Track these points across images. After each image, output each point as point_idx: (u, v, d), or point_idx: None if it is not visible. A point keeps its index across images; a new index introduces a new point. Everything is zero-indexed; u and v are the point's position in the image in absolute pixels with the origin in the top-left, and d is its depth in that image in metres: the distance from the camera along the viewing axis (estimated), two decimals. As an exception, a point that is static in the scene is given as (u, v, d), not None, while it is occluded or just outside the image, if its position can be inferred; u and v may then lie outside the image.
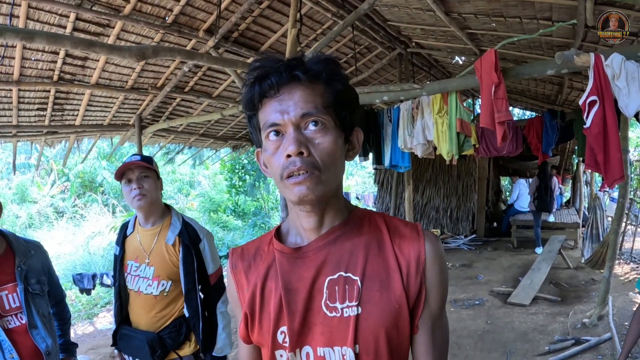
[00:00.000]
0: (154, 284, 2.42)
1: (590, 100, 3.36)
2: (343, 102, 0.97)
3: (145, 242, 2.49)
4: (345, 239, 1.00)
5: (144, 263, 2.45)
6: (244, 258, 1.11)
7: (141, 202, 2.39)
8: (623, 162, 3.45)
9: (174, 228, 2.48)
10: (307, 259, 1.00)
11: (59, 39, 3.14)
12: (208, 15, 5.11)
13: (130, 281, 2.48)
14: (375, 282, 0.96)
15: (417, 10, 5.57)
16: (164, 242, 2.45)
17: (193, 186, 21.27)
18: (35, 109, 5.79)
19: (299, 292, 0.99)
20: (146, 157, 2.49)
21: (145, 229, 2.51)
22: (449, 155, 4.82)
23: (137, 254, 2.49)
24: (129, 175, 2.40)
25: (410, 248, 0.99)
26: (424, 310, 0.99)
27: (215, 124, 8.66)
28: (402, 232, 1.02)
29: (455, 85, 4.71)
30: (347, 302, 0.95)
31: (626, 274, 7.02)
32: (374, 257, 0.98)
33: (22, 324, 2.14)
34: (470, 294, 6.62)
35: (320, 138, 0.92)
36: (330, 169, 0.93)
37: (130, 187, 2.39)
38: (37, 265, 2.30)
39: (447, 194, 11.78)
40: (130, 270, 2.49)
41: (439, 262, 1.00)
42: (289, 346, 0.98)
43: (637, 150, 11.80)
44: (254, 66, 0.96)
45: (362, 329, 0.94)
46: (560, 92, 8.15)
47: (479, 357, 4.56)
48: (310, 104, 0.91)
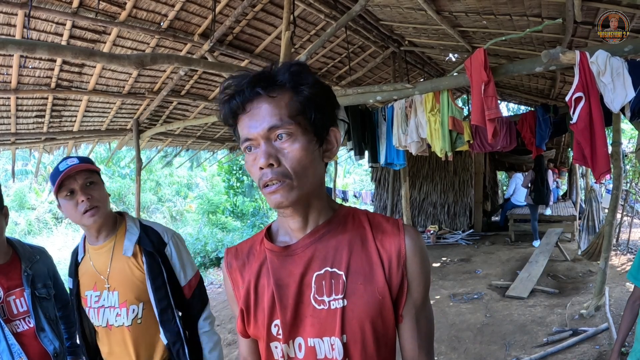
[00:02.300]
0: (123, 312, 1.96)
1: (577, 96, 3.43)
2: (312, 106, 1.00)
3: (99, 263, 2.00)
4: (331, 237, 1.07)
5: (105, 289, 1.98)
6: (238, 257, 1.18)
7: (96, 217, 1.91)
8: (609, 155, 3.52)
9: (130, 235, 2.01)
10: (296, 256, 1.07)
11: (60, 49, 3.19)
12: (202, 19, 5.16)
13: (95, 316, 1.99)
14: (359, 276, 1.03)
15: (408, 10, 5.63)
16: (122, 256, 1.97)
17: (191, 188, 21.30)
18: (33, 116, 5.85)
19: (290, 287, 1.05)
20: (85, 158, 2.02)
21: (96, 247, 2.02)
22: (442, 153, 4.89)
23: (93, 280, 2.00)
24: (70, 185, 1.88)
25: (391, 243, 1.05)
26: (407, 300, 1.06)
27: (212, 126, 8.70)
28: (384, 228, 1.08)
29: (446, 84, 4.77)
30: (333, 295, 1.02)
31: (622, 265, 7.09)
32: (358, 252, 1.05)
33: (30, 327, 2.17)
34: (469, 288, 6.68)
35: (288, 147, 0.97)
36: (302, 175, 0.98)
37: (74, 201, 1.89)
38: (43, 270, 2.32)
39: (444, 189, 11.85)
40: (91, 303, 2.00)
41: (419, 255, 1.06)
42: (282, 338, 1.05)
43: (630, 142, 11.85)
44: (223, 86, 1.02)
45: (348, 320, 1.01)
46: (553, 86, 8.23)
47: (478, 349, 4.62)
48: (275, 117, 0.96)
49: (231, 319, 6.53)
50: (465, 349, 4.66)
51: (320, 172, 1.05)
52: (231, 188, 17.43)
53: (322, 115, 1.02)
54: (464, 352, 4.60)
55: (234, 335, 5.84)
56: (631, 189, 9.29)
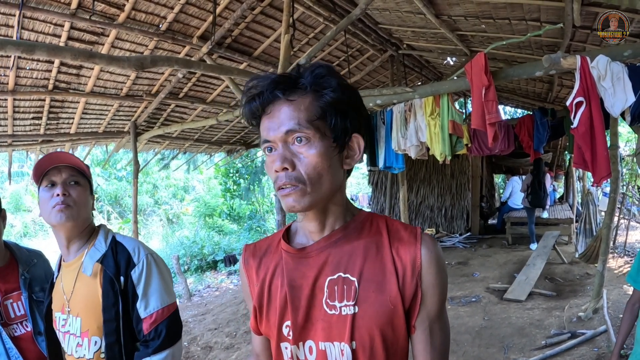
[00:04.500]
0: (84, 342, 1.71)
1: (577, 101, 3.43)
2: (333, 111, 0.99)
3: (66, 282, 1.76)
4: (346, 242, 1.05)
5: (66, 312, 1.75)
6: (256, 254, 1.19)
7: (63, 215, 1.67)
8: (610, 159, 3.53)
9: (93, 252, 1.74)
10: (310, 259, 1.06)
11: (59, 50, 3.16)
12: (201, 22, 5.14)
13: (62, 340, 1.78)
14: (371, 284, 1.01)
15: (407, 13, 5.63)
16: (86, 276, 1.72)
17: (188, 191, 21.28)
18: (30, 118, 5.83)
19: (303, 290, 1.05)
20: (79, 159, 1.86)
21: (67, 263, 1.79)
22: (442, 157, 4.89)
23: (61, 301, 1.77)
24: (52, 176, 1.71)
25: (407, 252, 1.02)
26: (420, 311, 1.03)
27: (209, 129, 8.69)
28: (400, 236, 1.05)
29: (446, 88, 4.78)
30: (345, 301, 1.01)
31: (620, 267, 7.09)
32: (372, 259, 1.03)
33: (27, 331, 2.14)
34: (467, 291, 6.68)
35: (305, 152, 0.97)
36: (316, 181, 0.98)
37: (51, 193, 1.70)
38: (40, 274, 2.30)
39: (441, 192, 11.86)
40: (59, 326, 1.79)
41: (435, 265, 1.02)
42: (292, 339, 1.05)
43: (627, 145, 11.90)
44: (247, 86, 1.02)
45: (358, 327, 1.00)
46: (550, 90, 8.24)
47: (477, 352, 4.62)
48: (292, 121, 0.96)
49: (229, 323, 6.51)
50: (464, 352, 4.65)
51: (338, 178, 1.04)
52: (228, 191, 17.39)
53: (343, 121, 1.00)
54: (463, 355, 4.59)
55: (231, 339, 5.82)
56: (628, 192, 9.32)
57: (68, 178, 1.74)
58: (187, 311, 7.59)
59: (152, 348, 1.68)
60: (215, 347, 5.65)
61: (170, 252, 11.53)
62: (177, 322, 1.79)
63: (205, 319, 6.97)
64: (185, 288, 8.69)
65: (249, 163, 16.38)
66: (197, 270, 11.63)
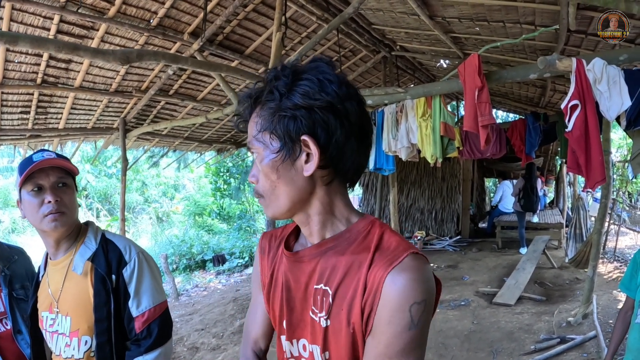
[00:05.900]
0: (74, 342, 1.68)
1: (572, 104, 3.40)
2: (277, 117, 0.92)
3: (54, 280, 1.73)
4: (334, 254, 0.99)
5: (54, 312, 1.72)
6: (271, 244, 1.20)
7: (58, 224, 1.64)
8: (604, 164, 3.50)
9: (84, 250, 1.71)
10: (303, 264, 1.05)
11: (43, 42, 3.08)
12: (193, 18, 5.09)
13: (50, 341, 1.75)
14: (342, 301, 0.95)
15: (401, 14, 5.61)
16: (75, 275, 1.69)
17: (178, 189, 21.16)
18: (18, 112, 5.73)
19: (297, 292, 1.05)
20: (64, 156, 1.77)
21: (54, 262, 1.76)
22: (433, 159, 4.85)
23: (49, 301, 1.74)
24: (40, 179, 1.64)
25: (377, 273, 0.90)
26: (368, 346, 0.91)
27: (199, 127, 8.63)
28: (385, 255, 0.92)
29: (439, 89, 4.75)
30: (322, 313, 0.99)
31: (610, 273, 7.12)
32: (351, 276, 0.95)
33: (7, 329, 2.11)
34: (456, 294, 6.66)
35: (258, 165, 0.98)
36: (269, 193, 0.97)
37: (40, 199, 1.64)
38: (20, 271, 2.25)
39: (432, 195, 11.88)
40: (46, 326, 1.75)
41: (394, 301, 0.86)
42: (286, 336, 1.08)
43: (618, 151, 11.97)
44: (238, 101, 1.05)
45: (329, 341, 0.98)
46: (543, 95, 8.27)
47: (465, 357, 4.59)
48: (249, 136, 0.98)
49: (216, 323, 6.45)
50: (452, 356, 4.63)
51: (298, 187, 0.95)
52: (218, 190, 17.31)
53: (286, 125, 0.91)
54: (451, 359, 4.58)
55: (218, 340, 5.76)
56: (618, 197, 9.37)
57: (57, 181, 1.68)
58: (174, 311, 7.50)
59: (144, 347, 1.68)
60: (201, 348, 5.59)
61: (159, 251, 11.42)
62: (168, 321, 1.79)
63: (193, 319, 6.90)
64: (173, 287, 8.60)
65: (239, 162, 16.32)
66: (185, 270, 11.52)
